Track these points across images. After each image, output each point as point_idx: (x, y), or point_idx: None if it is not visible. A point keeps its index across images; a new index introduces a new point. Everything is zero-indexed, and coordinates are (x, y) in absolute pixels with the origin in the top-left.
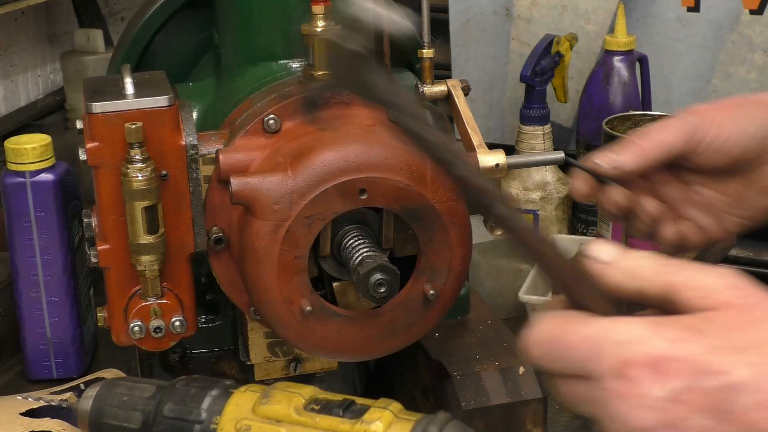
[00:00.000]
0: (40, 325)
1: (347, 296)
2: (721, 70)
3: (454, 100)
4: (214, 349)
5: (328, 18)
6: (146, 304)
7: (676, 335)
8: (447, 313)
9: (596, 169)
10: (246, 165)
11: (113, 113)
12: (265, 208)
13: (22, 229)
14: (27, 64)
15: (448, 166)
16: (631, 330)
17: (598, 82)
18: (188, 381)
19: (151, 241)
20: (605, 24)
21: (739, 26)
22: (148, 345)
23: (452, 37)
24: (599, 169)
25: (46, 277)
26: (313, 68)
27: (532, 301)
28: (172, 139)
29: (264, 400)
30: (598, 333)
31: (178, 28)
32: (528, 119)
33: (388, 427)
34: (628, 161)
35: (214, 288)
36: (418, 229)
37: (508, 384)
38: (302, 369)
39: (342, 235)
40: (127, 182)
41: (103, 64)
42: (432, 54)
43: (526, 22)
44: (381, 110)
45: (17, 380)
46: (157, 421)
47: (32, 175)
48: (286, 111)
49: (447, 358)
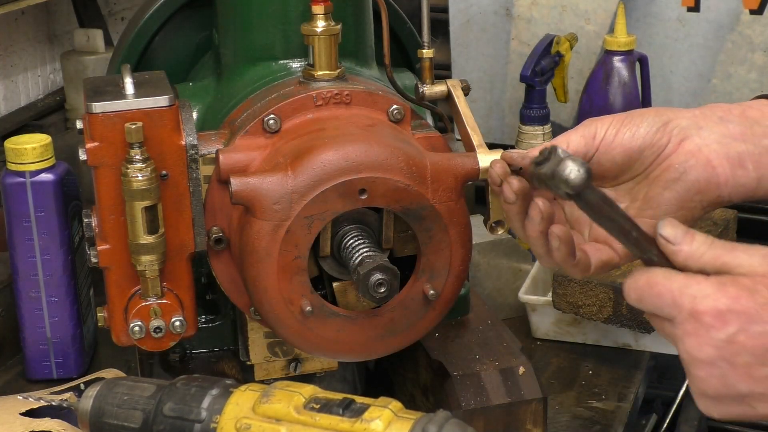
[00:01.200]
0: (40, 325)
1: (347, 296)
2: (721, 70)
3: (454, 100)
4: (214, 349)
5: (327, 18)
6: (146, 304)
7: (735, 293)
8: (447, 313)
9: (509, 158)
10: (246, 165)
11: (113, 113)
12: (265, 208)
13: (22, 229)
14: (27, 64)
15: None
16: (701, 288)
17: (598, 82)
18: (188, 380)
19: (151, 241)
20: (605, 24)
21: (739, 26)
22: (148, 345)
23: (452, 37)
24: (511, 159)
25: (46, 277)
26: (312, 68)
27: (532, 301)
28: (172, 139)
29: (264, 399)
30: (678, 287)
31: (178, 28)
32: (528, 119)
33: (387, 425)
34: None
35: (214, 288)
36: (418, 229)
37: (508, 384)
38: (302, 369)
39: (342, 235)
40: (127, 182)
41: (103, 64)
42: (432, 54)
43: (526, 22)
44: (382, 111)
45: (17, 380)
46: (157, 421)
47: (32, 175)
48: (285, 111)
49: (447, 358)
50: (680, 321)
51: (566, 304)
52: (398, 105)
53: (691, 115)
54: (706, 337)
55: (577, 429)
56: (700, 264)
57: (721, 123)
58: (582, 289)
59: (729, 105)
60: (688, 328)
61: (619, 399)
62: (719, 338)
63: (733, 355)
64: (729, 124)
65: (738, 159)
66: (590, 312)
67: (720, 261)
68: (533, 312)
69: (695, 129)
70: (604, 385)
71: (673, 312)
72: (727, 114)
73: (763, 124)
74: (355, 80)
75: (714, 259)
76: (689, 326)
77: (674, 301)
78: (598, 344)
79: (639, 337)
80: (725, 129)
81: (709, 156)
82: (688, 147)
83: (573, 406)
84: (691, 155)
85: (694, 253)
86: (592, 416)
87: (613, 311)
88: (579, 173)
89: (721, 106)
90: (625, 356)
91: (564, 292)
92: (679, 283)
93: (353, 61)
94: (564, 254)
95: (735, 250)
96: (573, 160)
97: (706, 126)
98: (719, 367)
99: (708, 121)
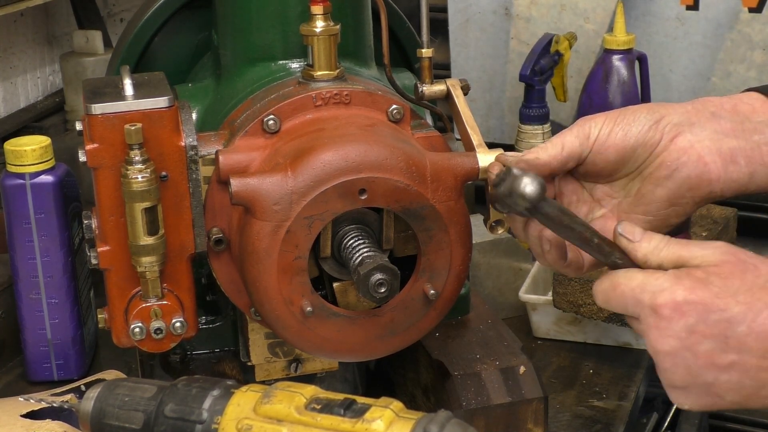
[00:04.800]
0: (40, 326)
1: (347, 296)
2: (721, 69)
3: (454, 100)
4: (214, 350)
5: (326, 18)
6: (147, 306)
7: (690, 284)
8: (447, 313)
9: (504, 160)
10: (246, 166)
11: (113, 114)
12: (265, 209)
13: (22, 231)
14: (26, 65)
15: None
16: (659, 282)
17: (597, 81)
18: (189, 381)
19: (151, 242)
20: (604, 23)
21: (738, 24)
22: (149, 346)
23: (451, 37)
24: (506, 161)
25: (47, 278)
26: (312, 68)
27: (532, 301)
28: (172, 140)
29: (265, 399)
30: (638, 285)
31: (177, 29)
32: (527, 118)
33: (389, 425)
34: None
35: (214, 289)
36: (418, 228)
37: (508, 383)
38: (303, 369)
39: (342, 236)
40: (127, 183)
41: (102, 65)
42: (431, 53)
43: (525, 21)
44: (381, 111)
45: (18, 382)
46: (158, 422)
47: (32, 177)
48: (285, 111)
49: (447, 358)
50: (643, 316)
51: (567, 303)
52: (398, 105)
53: (683, 111)
54: (667, 329)
55: (578, 428)
56: (659, 259)
57: (713, 119)
58: (582, 289)
59: (720, 99)
60: (650, 322)
61: (620, 398)
62: (679, 329)
63: (694, 344)
64: (721, 119)
65: (730, 155)
66: (591, 311)
67: (676, 255)
68: (534, 311)
69: (687, 125)
70: (605, 384)
71: (636, 309)
72: (719, 109)
73: (753, 120)
74: (354, 80)
75: (671, 254)
76: (651, 320)
77: (636, 299)
78: (598, 343)
79: (640, 336)
80: (717, 125)
81: (701, 152)
82: (680, 144)
83: (574, 405)
84: (683, 152)
85: (653, 250)
86: (593, 415)
87: None
88: (533, 187)
89: (712, 101)
90: (626, 355)
91: (564, 292)
92: (638, 281)
93: (352, 61)
94: (555, 257)
95: (689, 244)
96: (527, 176)
97: (698, 122)
98: (683, 357)
99: (700, 116)
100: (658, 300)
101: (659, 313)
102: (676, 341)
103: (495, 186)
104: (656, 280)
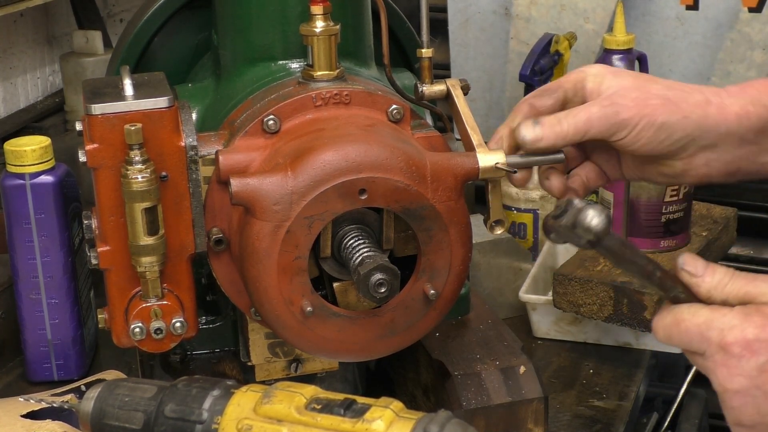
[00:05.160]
0: (40, 327)
1: (348, 296)
2: (721, 69)
3: (454, 100)
4: (214, 350)
5: (326, 18)
6: (147, 306)
7: (761, 322)
8: (447, 313)
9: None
10: (246, 166)
11: (113, 115)
12: (265, 209)
13: (22, 231)
14: (26, 66)
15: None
16: (727, 320)
17: None
18: (189, 381)
19: (151, 242)
20: (604, 23)
21: (738, 24)
22: (149, 346)
23: (451, 37)
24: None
25: (47, 278)
26: (312, 68)
27: (532, 301)
28: (172, 141)
29: (265, 399)
30: (704, 321)
31: (177, 30)
32: None
33: (389, 425)
34: (544, 139)
35: (214, 289)
36: (418, 228)
37: (508, 383)
38: (303, 369)
39: (342, 236)
40: (127, 183)
41: (102, 65)
42: (431, 53)
43: (524, 21)
44: (381, 111)
45: (18, 382)
46: (158, 422)
47: (32, 177)
48: (285, 111)
49: (447, 358)
50: (710, 354)
51: (567, 303)
52: (398, 105)
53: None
54: (737, 367)
55: (578, 428)
56: (723, 294)
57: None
58: (582, 288)
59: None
60: (718, 360)
61: (620, 398)
62: (750, 367)
63: (765, 383)
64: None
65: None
66: (591, 311)
67: (743, 291)
68: (534, 311)
69: None
70: (605, 384)
71: (702, 346)
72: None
73: None
74: (354, 80)
75: (737, 289)
76: (719, 358)
77: (702, 336)
78: (598, 343)
79: (640, 335)
80: None
81: None
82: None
83: (574, 405)
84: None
85: (717, 285)
86: (593, 415)
87: (614, 310)
88: (600, 220)
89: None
90: (626, 355)
91: (564, 291)
92: (705, 317)
93: (352, 61)
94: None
95: (756, 279)
96: (592, 208)
97: None
98: (752, 395)
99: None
100: (727, 338)
101: (729, 351)
102: (746, 380)
103: (555, 218)
104: (724, 317)
